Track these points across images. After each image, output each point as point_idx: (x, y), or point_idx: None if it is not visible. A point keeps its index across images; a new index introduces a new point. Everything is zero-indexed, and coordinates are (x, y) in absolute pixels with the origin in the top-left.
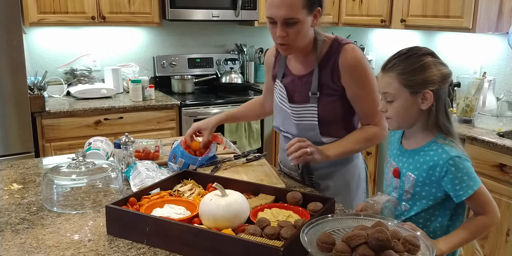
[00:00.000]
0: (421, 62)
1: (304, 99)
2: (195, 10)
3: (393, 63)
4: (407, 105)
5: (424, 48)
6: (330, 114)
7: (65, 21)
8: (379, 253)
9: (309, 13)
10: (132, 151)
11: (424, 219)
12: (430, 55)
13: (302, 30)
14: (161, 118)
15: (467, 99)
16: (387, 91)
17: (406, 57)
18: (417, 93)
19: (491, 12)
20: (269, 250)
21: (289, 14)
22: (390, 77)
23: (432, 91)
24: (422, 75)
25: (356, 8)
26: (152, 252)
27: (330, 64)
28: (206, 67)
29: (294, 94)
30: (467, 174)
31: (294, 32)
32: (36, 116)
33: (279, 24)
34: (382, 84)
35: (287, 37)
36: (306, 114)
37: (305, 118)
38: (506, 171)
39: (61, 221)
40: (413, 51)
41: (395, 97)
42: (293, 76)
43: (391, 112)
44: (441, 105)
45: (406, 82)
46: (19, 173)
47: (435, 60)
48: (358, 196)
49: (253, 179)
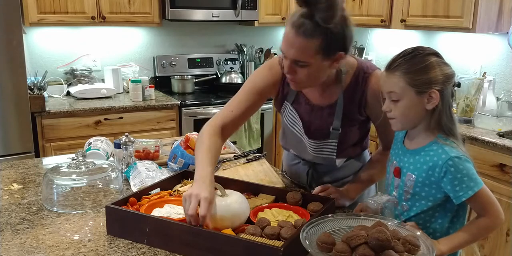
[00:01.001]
0: (426, 62)
1: (324, 134)
2: (195, 10)
3: (399, 63)
4: (412, 105)
5: (428, 48)
6: (348, 142)
7: (65, 21)
8: (379, 253)
9: (326, 58)
10: (132, 151)
11: (424, 220)
12: (434, 55)
13: (313, 74)
14: (161, 118)
15: (467, 99)
16: (393, 90)
17: (412, 56)
18: (423, 92)
19: (491, 12)
20: (269, 250)
21: (299, 57)
22: (396, 77)
23: (438, 91)
24: (427, 75)
25: (356, 8)
26: (152, 252)
27: (357, 95)
28: (206, 67)
29: (311, 125)
30: (467, 175)
31: (303, 74)
32: (36, 116)
33: (288, 61)
34: (387, 84)
35: (296, 75)
36: (324, 148)
37: (324, 152)
38: (506, 171)
39: (61, 221)
40: (418, 51)
41: (400, 96)
42: (311, 105)
43: (396, 111)
44: (446, 106)
45: (412, 81)
46: (19, 173)
47: (440, 60)
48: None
49: (253, 179)
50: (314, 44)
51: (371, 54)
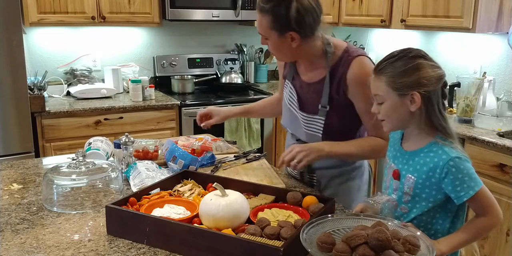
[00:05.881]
0: (410, 65)
1: (313, 109)
2: (195, 10)
3: (384, 65)
4: (396, 107)
5: (416, 50)
6: (336, 127)
7: (65, 21)
8: (379, 253)
9: (280, 35)
10: (132, 151)
11: (425, 222)
12: (421, 58)
13: (276, 47)
14: (161, 118)
15: (467, 99)
16: (377, 93)
17: (396, 59)
18: (405, 95)
19: (491, 12)
20: (269, 250)
21: (260, 30)
22: (380, 80)
23: (420, 93)
24: (410, 78)
25: (356, 8)
26: (152, 252)
27: (338, 76)
28: (206, 67)
29: (304, 100)
30: (467, 175)
31: (270, 46)
32: (36, 116)
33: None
34: (373, 86)
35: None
36: (313, 124)
37: (312, 128)
38: (506, 171)
39: (61, 221)
40: (403, 53)
41: (384, 99)
42: (301, 81)
43: (382, 113)
44: (433, 107)
45: (393, 84)
46: (19, 173)
47: (426, 62)
48: (359, 198)
49: (253, 179)
50: (266, 20)
51: (371, 54)
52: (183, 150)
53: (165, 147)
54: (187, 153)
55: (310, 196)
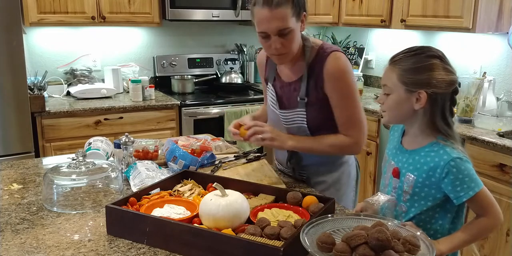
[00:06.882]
0: (423, 63)
1: (293, 104)
2: (195, 10)
3: (400, 58)
4: (400, 101)
5: (436, 50)
6: (318, 119)
7: (65, 21)
8: (379, 253)
9: (298, 20)
10: (132, 151)
11: (424, 222)
12: (438, 58)
13: (295, 38)
14: (161, 118)
15: (467, 99)
16: (386, 83)
17: (413, 55)
18: (412, 92)
19: (491, 12)
20: (269, 250)
21: (282, 25)
22: (392, 71)
23: (427, 93)
24: (420, 76)
25: (356, 8)
26: (152, 252)
27: (316, 72)
28: (206, 67)
29: (284, 100)
30: (468, 176)
31: (289, 41)
32: (36, 116)
33: (274, 36)
34: (384, 76)
35: (283, 47)
36: (295, 118)
37: (295, 121)
38: (506, 171)
39: (61, 221)
40: (422, 50)
41: (391, 90)
42: (282, 82)
43: (386, 104)
44: (437, 109)
45: (403, 78)
46: (19, 173)
47: (441, 64)
48: (347, 194)
49: (253, 179)
50: (287, 10)
51: (371, 54)
52: (184, 151)
53: (165, 147)
54: (187, 153)
55: (310, 196)
